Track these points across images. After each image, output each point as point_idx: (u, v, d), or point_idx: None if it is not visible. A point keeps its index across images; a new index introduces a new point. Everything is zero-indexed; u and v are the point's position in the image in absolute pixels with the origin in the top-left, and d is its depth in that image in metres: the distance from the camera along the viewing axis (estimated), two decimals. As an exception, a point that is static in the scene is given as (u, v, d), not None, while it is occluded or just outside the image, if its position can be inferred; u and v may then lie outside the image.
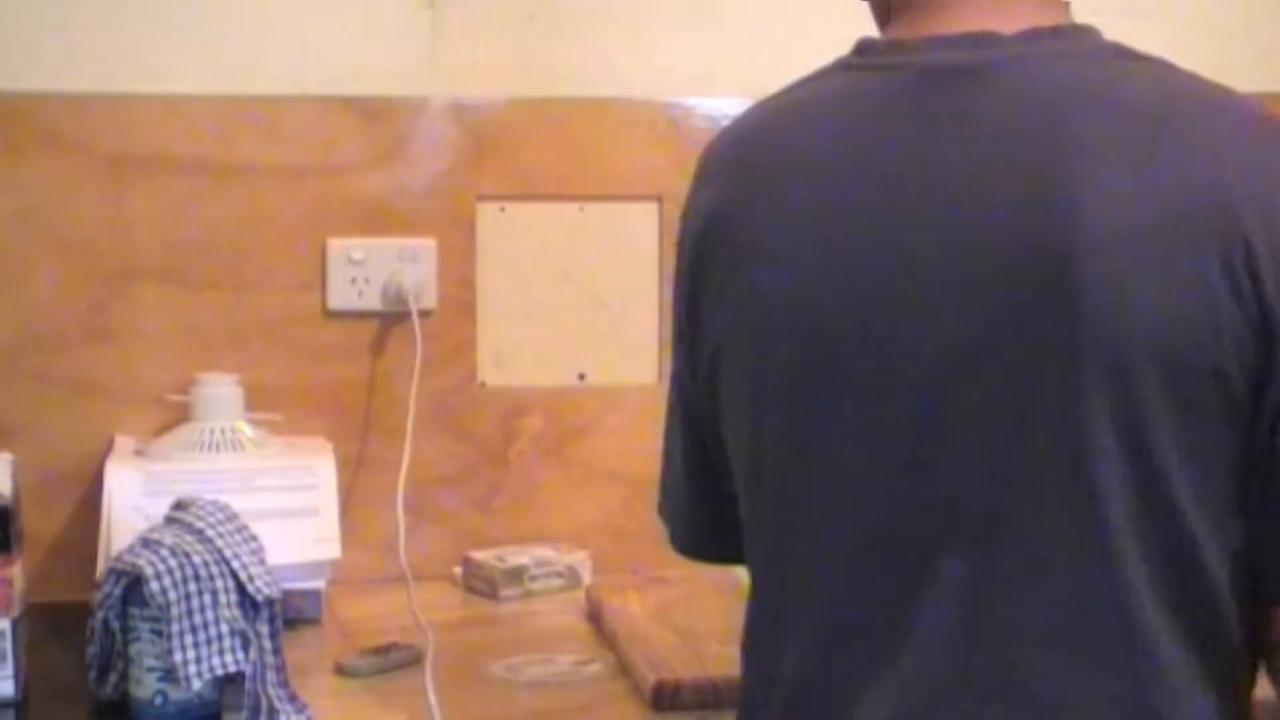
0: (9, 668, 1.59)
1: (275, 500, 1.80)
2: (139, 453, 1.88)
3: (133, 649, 1.56)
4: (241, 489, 1.77)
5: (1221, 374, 1.09)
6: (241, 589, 1.56)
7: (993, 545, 1.14)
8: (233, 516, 1.62)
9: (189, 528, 1.58)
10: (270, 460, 1.87)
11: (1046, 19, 1.19)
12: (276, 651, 1.57)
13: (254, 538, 1.62)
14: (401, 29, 2.01)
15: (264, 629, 1.56)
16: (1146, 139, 1.12)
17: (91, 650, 1.59)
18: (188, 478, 1.79)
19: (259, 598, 1.56)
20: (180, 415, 1.92)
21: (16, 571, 1.61)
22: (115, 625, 1.57)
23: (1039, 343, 1.11)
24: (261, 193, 1.98)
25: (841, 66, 1.24)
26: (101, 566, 1.68)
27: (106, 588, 1.57)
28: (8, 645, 1.59)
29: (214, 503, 1.62)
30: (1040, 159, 1.12)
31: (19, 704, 1.60)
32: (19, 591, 1.61)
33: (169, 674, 1.54)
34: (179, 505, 1.62)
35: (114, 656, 1.58)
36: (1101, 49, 1.19)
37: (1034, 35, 1.17)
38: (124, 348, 1.96)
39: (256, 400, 1.93)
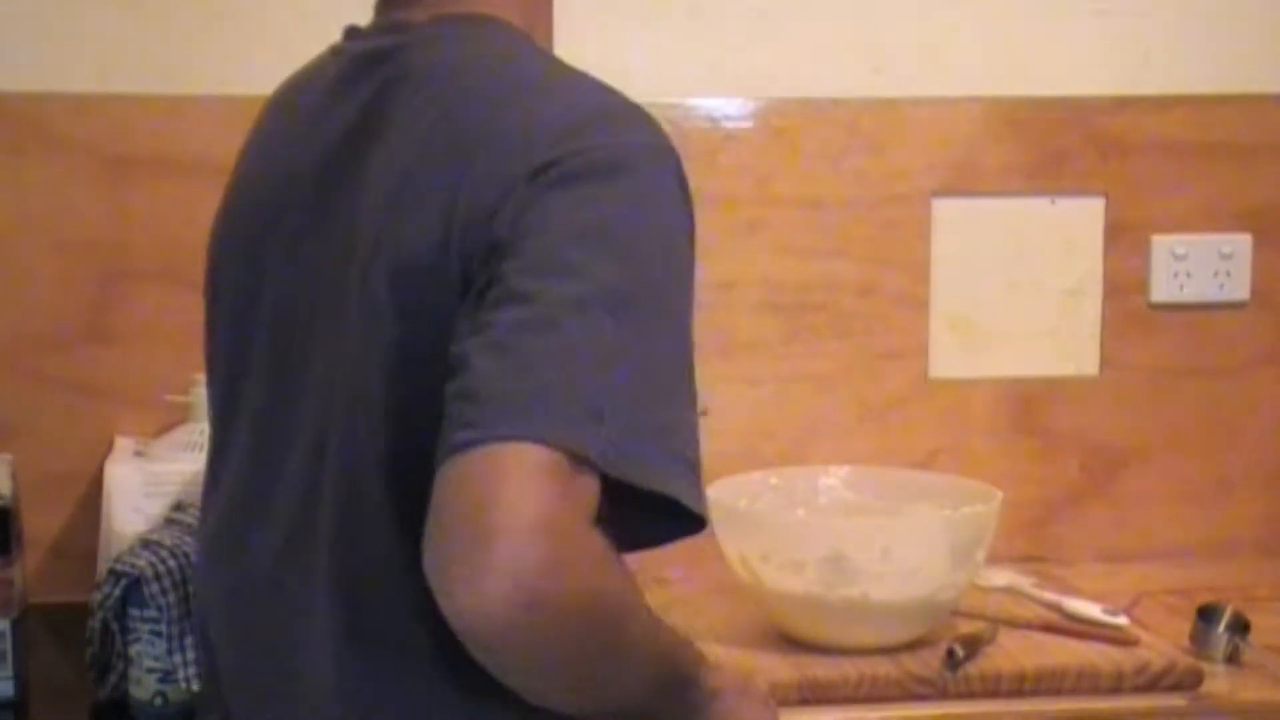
0: (9, 668, 1.59)
1: (275, 500, 1.79)
2: (139, 453, 1.87)
3: (132, 650, 1.56)
4: (241, 489, 1.76)
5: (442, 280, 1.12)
6: (241, 589, 1.55)
7: None
8: (232, 517, 1.61)
9: (188, 529, 1.58)
10: (270, 460, 1.86)
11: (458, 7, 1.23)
12: (276, 652, 1.57)
13: (254, 538, 1.61)
14: (401, 29, 2.01)
15: (264, 629, 1.56)
16: (443, 102, 1.16)
17: (91, 651, 1.59)
18: (188, 478, 1.78)
19: (259, 598, 1.56)
20: (180, 415, 1.91)
21: (16, 572, 1.61)
22: (115, 626, 1.57)
23: (333, 274, 1.17)
24: (261, 193, 1.97)
25: (331, 49, 1.30)
26: (101, 567, 1.68)
27: (106, 589, 1.57)
28: (8, 645, 1.59)
29: (214, 503, 1.62)
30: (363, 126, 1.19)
31: (19, 704, 1.60)
32: (19, 592, 1.61)
33: (168, 675, 1.54)
34: (178, 506, 1.63)
35: (114, 657, 1.58)
36: (487, 33, 1.21)
37: (439, 21, 1.21)
38: (124, 348, 1.95)
39: (256, 400, 1.93)
